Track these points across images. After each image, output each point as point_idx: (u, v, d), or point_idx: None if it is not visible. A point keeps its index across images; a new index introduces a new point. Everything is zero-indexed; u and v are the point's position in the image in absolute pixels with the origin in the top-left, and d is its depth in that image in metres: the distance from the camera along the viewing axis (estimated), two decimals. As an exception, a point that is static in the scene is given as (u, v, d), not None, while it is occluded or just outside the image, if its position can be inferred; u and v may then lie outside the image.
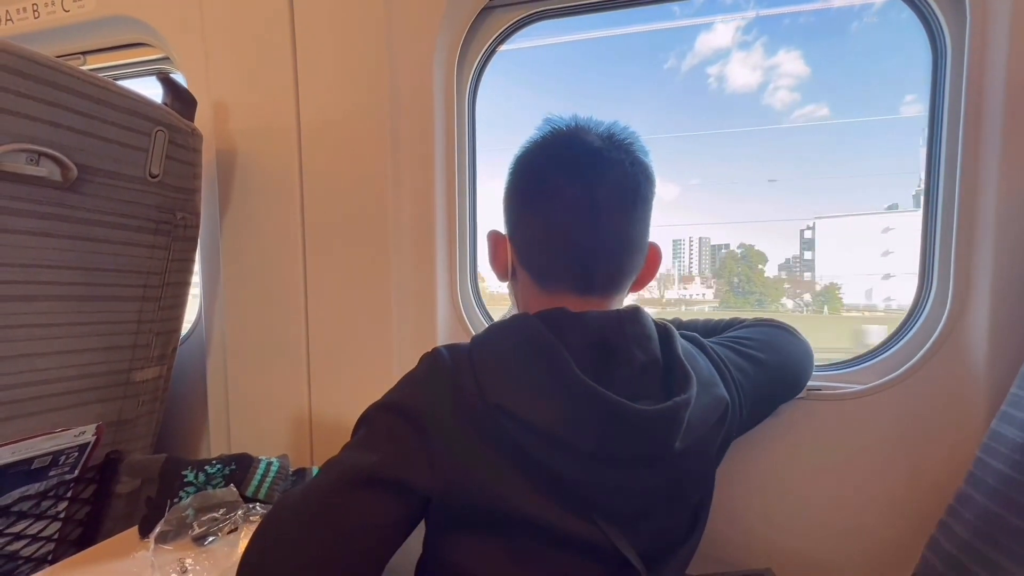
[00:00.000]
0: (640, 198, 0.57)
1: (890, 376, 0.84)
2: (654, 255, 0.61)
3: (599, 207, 0.55)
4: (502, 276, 0.63)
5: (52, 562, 0.83)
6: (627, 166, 0.56)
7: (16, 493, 0.78)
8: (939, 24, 0.84)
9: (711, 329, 0.81)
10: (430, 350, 0.56)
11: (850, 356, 0.92)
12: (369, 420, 0.55)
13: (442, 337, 1.01)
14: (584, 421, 0.49)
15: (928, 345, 0.82)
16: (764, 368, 0.68)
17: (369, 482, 0.50)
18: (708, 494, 0.62)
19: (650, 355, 0.54)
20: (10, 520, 0.79)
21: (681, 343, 0.58)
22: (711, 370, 0.60)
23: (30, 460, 0.77)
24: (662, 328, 0.58)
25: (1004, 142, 0.76)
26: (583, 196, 0.55)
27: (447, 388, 0.52)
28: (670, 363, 0.55)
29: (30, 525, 0.82)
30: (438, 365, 0.54)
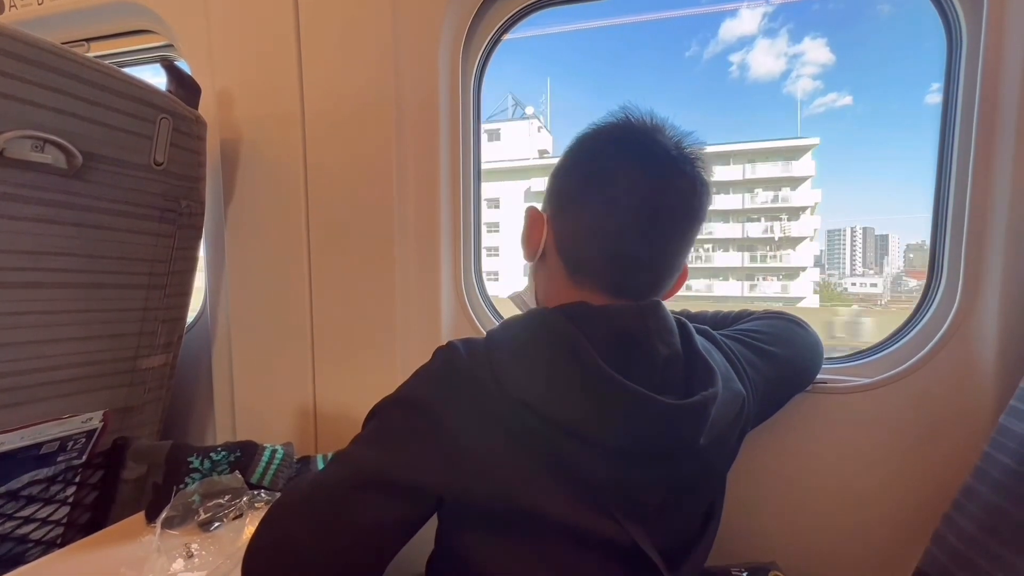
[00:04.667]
0: (698, 218, 0.55)
1: (897, 369, 0.83)
2: (683, 274, 0.59)
3: (660, 215, 0.52)
4: (530, 256, 0.60)
5: (61, 545, 0.84)
6: (697, 184, 0.53)
7: (26, 478, 0.79)
8: (956, 14, 0.82)
9: (720, 321, 0.80)
10: (444, 344, 0.54)
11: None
12: (381, 414, 0.53)
13: (446, 327, 1.01)
14: (611, 416, 0.47)
15: (936, 338, 0.81)
16: (774, 362, 0.67)
17: (378, 483, 0.48)
18: (722, 490, 0.61)
19: (672, 349, 0.52)
20: (20, 504, 0.80)
21: (698, 337, 0.56)
22: (726, 364, 0.59)
23: (39, 445, 0.78)
24: (679, 322, 0.56)
25: (1019, 134, 0.74)
26: (647, 199, 0.51)
27: (464, 383, 0.50)
28: (690, 357, 0.54)
29: (39, 509, 0.83)
30: (454, 359, 0.51)
